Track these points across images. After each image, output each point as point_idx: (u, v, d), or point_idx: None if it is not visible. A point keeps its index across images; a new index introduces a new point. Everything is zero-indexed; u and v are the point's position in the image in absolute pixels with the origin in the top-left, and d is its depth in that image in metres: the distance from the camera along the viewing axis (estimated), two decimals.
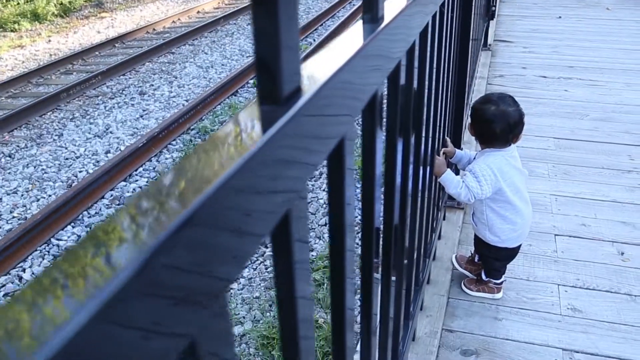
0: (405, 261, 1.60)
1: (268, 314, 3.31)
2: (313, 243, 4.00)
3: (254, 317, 3.33)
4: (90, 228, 4.14)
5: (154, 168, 4.97)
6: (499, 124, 1.83)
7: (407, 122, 1.42)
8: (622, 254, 2.45)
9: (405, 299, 1.64)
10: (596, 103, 3.95)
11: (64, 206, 4.15)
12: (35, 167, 5.00)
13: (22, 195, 4.59)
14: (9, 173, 4.93)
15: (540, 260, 2.42)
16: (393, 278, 1.36)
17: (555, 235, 2.58)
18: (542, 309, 2.15)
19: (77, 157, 5.20)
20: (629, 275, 2.32)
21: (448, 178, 1.92)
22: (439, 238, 2.46)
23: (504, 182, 1.89)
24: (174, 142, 5.40)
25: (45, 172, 4.93)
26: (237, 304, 3.41)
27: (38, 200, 4.51)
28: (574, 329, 2.07)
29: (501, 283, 2.20)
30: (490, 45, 4.93)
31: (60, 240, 3.99)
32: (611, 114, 3.79)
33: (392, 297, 1.33)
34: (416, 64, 1.27)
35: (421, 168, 1.81)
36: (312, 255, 3.81)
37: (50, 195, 4.55)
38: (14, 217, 4.32)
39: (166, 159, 5.13)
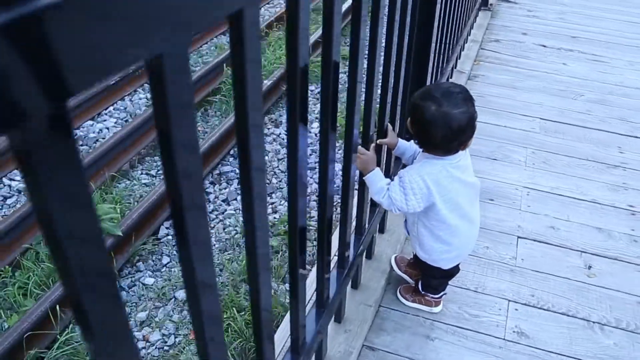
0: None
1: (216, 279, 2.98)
2: (278, 204, 3.63)
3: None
4: None
5: (125, 108, 4.54)
6: (440, 129, 1.37)
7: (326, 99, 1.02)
8: (589, 267, 2.06)
9: (293, 334, 1.27)
10: (594, 81, 3.44)
11: None
12: None
13: None
14: None
15: (495, 268, 2.04)
16: None
17: (519, 237, 2.19)
18: (483, 330, 1.79)
19: None
20: (591, 296, 1.93)
21: (372, 180, 1.50)
22: (382, 232, 2.07)
23: (440, 198, 1.46)
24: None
25: None
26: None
27: None
28: (516, 358, 1.71)
29: (440, 297, 1.83)
30: (491, 5, 4.34)
31: (13, 180, 3.66)
32: (608, 95, 3.28)
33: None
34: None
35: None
36: (275, 218, 3.45)
37: None
38: None
39: (140, 99, 4.69)
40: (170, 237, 3.30)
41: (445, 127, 1.35)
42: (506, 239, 2.17)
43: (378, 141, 1.64)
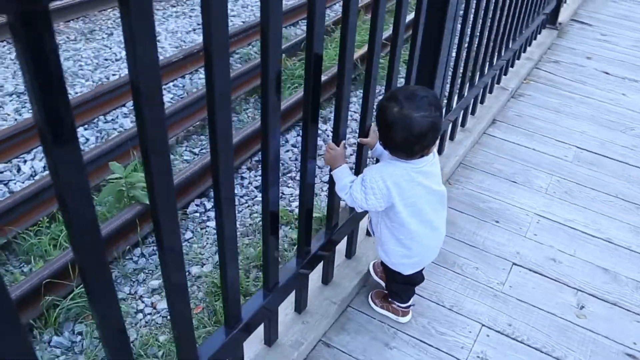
0: None
1: None
2: None
3: (216, 262, 3.11)
4: (101, 134, 4.05)
5: (183, 86, 4.74)
6: (400, 131, 1.35)
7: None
8: (582, 307, 1.94)
9: (224, 307, 1.31)
10: None
11: (81, 106, 4.04)
12: (74, 62, 4.94)
13: None
14: None
15: (478, 290, 1.97)
16: None
17: (514, 264, 2.09)
18: (446, 349, 1.74)
19: (117, 60, 5.08)
20: (574, 337, 1.82)
21: (338, 176, 1.50)
22: (371, 235, 2.06)
23: (401, 201, 1.44)
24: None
25: (82, 69, 4.86)
26: (207, 243, 3.18)
27: None
28: None
29: (408, 307, 1.80)
30: (561, 24, 4.12)
31: None
32: None
33: None
34: None
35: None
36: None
37: (76, 93, 4.47)
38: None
39: (200, 78, 4.89)
40: (198, 214, 3.39)
41: (406, 130, 1.33)
42: (500, 264, 2.09)
43: (358, 140, 1.64)
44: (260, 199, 3.69)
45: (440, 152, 2.56)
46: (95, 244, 0.77)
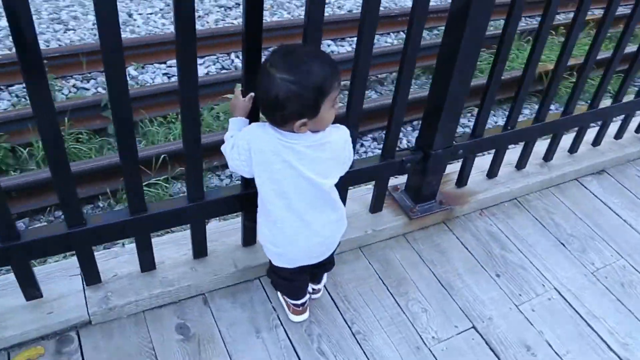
0: None
1: None
2: None
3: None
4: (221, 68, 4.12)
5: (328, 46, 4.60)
6: (260, 89, 1.11)
7: None
8: None
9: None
10: None
11: (207, 40, 4.06)
12: None
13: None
14: None
15: (403, 332, 1.56)
16: None
17: (473, 328, 1.60)
18: None
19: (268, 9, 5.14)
20: None
21: (229, 127, 1.27)
22: None
23: (263, 172, 1.19)
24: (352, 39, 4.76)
25: (290, 1, 5.09)
26: None
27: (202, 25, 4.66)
28: None
29: (299, 306, 1.52)
30: None
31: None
32: None
33: None
34: None
35: None
36: None
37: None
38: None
39: (329, 47, 4.68)
40: None
41: (262, 88, 1.09)
42: (457, 320, 1.62)
43: None
44: None
45: (490, 174, 2.05)
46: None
